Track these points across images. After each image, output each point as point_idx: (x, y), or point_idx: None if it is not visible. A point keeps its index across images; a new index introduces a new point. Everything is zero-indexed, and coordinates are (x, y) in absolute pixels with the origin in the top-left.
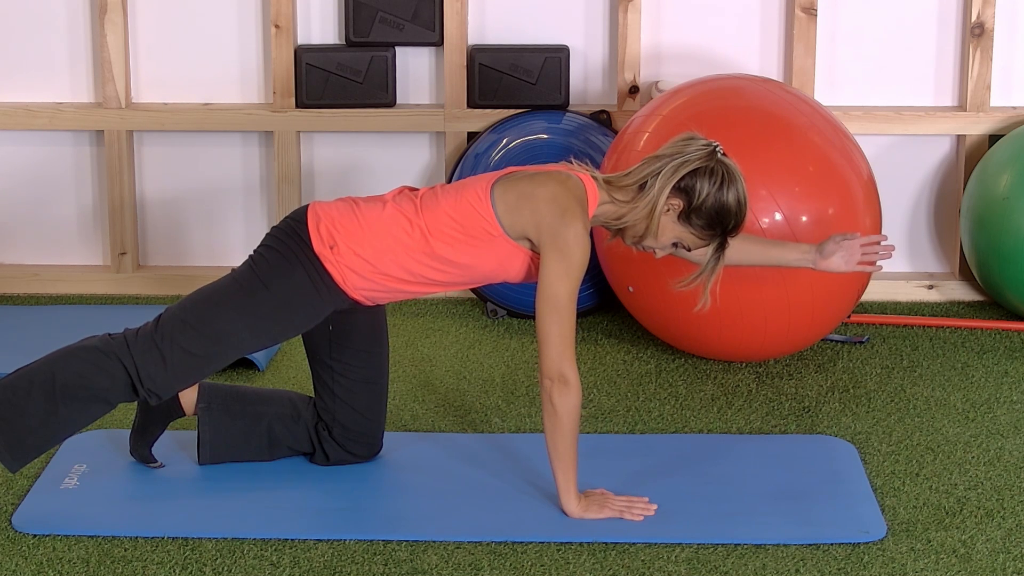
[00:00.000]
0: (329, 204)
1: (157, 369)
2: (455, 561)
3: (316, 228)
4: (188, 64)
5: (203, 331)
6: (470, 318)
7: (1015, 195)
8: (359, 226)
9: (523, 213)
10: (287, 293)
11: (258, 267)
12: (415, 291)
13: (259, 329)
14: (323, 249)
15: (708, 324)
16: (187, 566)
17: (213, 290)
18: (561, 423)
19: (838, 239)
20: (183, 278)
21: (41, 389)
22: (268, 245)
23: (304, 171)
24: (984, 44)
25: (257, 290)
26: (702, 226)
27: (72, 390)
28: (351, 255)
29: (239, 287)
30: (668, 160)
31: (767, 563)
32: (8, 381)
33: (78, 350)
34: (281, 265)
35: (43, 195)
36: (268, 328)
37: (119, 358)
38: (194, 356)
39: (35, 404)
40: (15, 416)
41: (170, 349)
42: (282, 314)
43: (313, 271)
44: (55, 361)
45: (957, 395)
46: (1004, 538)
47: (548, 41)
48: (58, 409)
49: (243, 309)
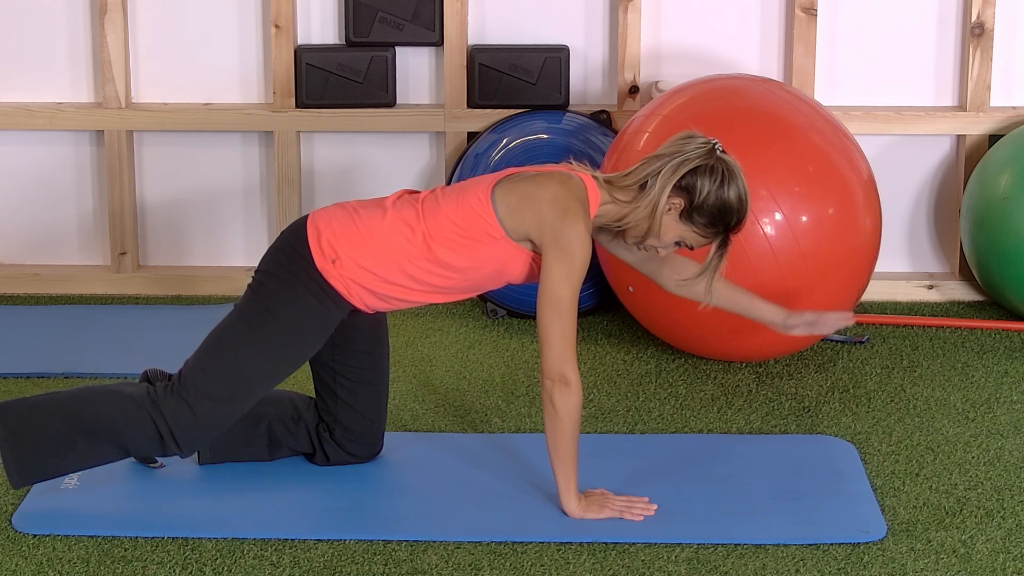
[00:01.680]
0: (329, 214)
1: (190, 423)
2: (455, 561)
3: (317, 243)
4: (188, 64)
5: (223, 374)
6: (470, 318)
7: (1015, 195)
8: (360, 236)
9: (525, 214)
10: (296, 317)
11: (262, 297)
12: (419, 299)
13: (277, 358)
14: (326, 264)
15: (708, 324)
16: (187, 566)
17: (223, 331)
18: (562, 423)
19: (811, 321)
20: (183, 278)
21: (66, 418)
22: (267, 271)
23: (304, 171)
24: (984, 44)
25: (266, 321)
26: (704, 224)
27: (95, 429)
28: (354, 267)
29: (248, 322)
30: (668, 159)
31: (767, 563)
32: (36, 400)
33: (113, 393)
34: (284, 291)
35: (43, 195)
36: (286, 354)
37: (150, 415)
38: (221, 401)
39: (55, 431)
40: (33, 436)
41: (197, 400)
42: (296, 338)
43: (318, 289)
44: (87, 396)
45: (957, 395)
46: (1004, 538)
47: (548, 41)
48: (76, 443)
49: (256, 343)
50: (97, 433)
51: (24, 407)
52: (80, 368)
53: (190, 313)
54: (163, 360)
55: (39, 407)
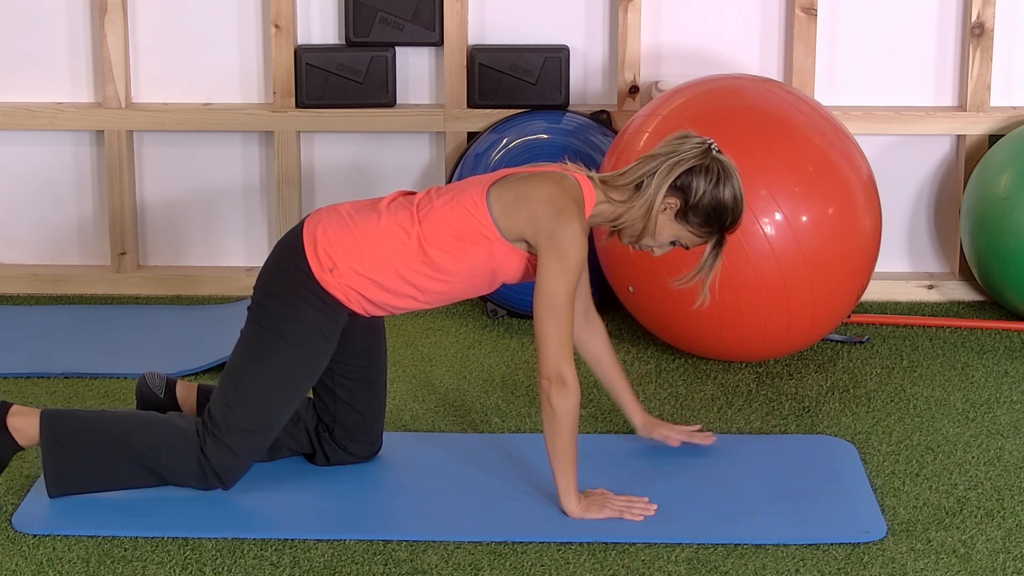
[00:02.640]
0: (324, 222)
1: (230, 460)
2: (455, 561)
3: (314, 252)
4: (188, 64)
5: (249, 406)
6: (470, 318)
7: (1015, 195)
8: (356, 242)
9: (520, 215)
10: (302, 333)
11: (265, 322)
12: (414, 305)
13: (295, 376)
14: (323, 274)
15: (708, 324)
16: (187, 566)
17: (237, 363)
18: (560, 423)
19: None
20: (183, 278)
21: (112, 441)
22: (266, 290)
23: (304, 171)
24: (984, 44)
25: (275, 344)
26: (699, 224)
27: (140, 455)
28: (351, 274)
29: (258, 350)
30: (663, 159)
31: (767, 563)
32: (86, 416)
33: (166, 425)
34: (285, 309)
35: (43, 195)
36: (302, 370)
37: (198, 455)
38: (253, 432)
39: (100, 449)
40: (76, 451)
41: (231, 436)
42: (307, 353)
43: (319, 302)
44: (140, 422)
45: (957, 395)
46: (1004, 538)
47: (548, 41)
48: (118, 465)
49: (272, 368)
50: (140, 461)
51: (73, 420)
52: (80, 368)
53: (190, 313)
54: (163, 360)
55: (88, 424)
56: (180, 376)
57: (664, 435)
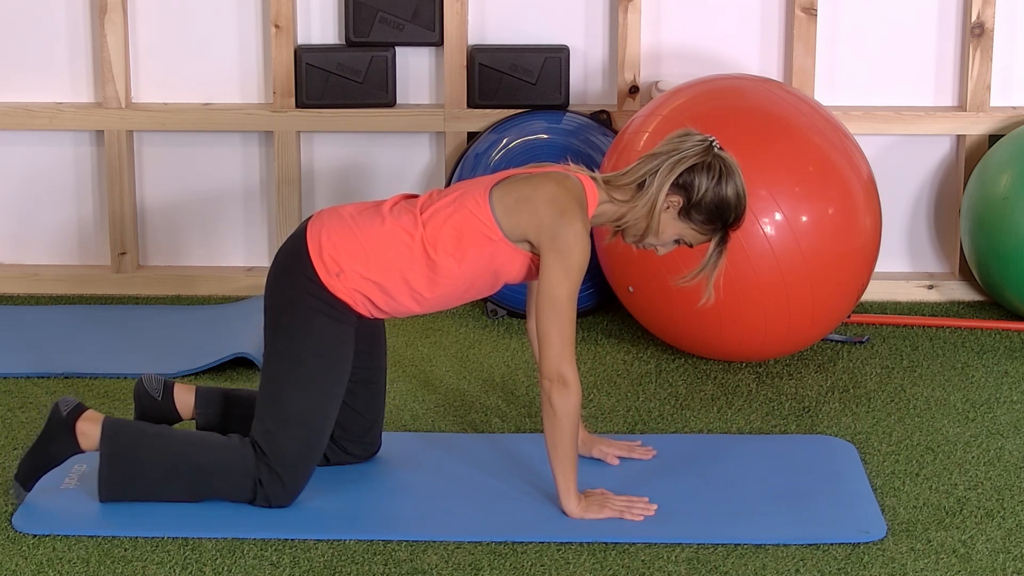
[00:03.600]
0: (327, 226)
1: (283, 489)
2: (455, 561)
3: (320, 258)
4: (188, 64)
5: (289, 428)
6: (470, 318)
7: (1015, 195)
8: (360, 246)
9: (522, 216)
10: (320, 343)
11: (282, 340)
12: (419, 308)
13: (326, 386)
14: (331, 279)
15: (708, 324)
16: (187, 566)
17: (266, 390)
18: (561, 424)
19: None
20: (183, 278)
21: (169, 462)
22: (276, 306)
23: (304, 171)
24: (984, 44)
25: (296, 362)
26: (702, 221)
27: (195, 476)
28: (358, 278)
29: (281, 372)
30: (665, 157)
31: (767, 563)
32: (148, 432)
33: (226, 449)
34: (299, 325)
35: (43, 195)
36: (331, 379)
37: (253, 485)
38: (299, 452)
39: (157, 467)
40: (132, 465)
41: (281, 461)
42: (331, 361)
43: (328, 307)
44: (201, 444)
45: (957, 395)
46: (1004, 538)
47: (548, 41)
48: (171, 483)
49: (301, 386)
50: (195, 480)
51: (134, 436)
52: (80, 368)
53: (190, 313)
54: (163, 360)
55: (148, 440)
56: (179, 376)
57: (603, 452)
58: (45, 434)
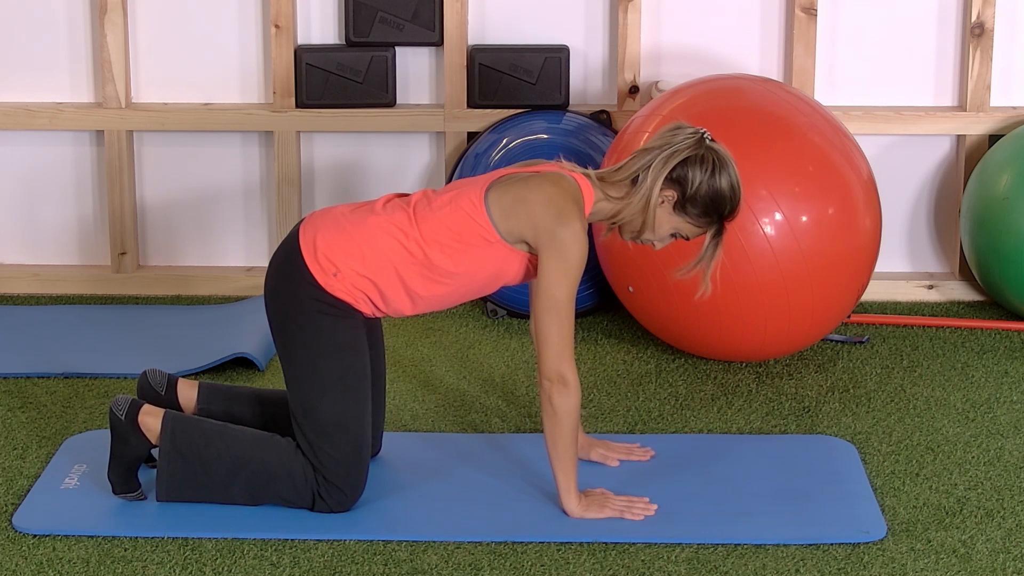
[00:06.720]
0: (321, 226)
1: (341, 496)
2: (455, 561)
3: (315, 259)
4: (188, 64)
5: (327, 435)
6: (470, 318)
7: (1015, 195)
8: (355, 244)
9: (519, 217)
10: (331, 343)
11: (294, 350)
12: (415, 308)
13: (348, 382)
14: (328, 279)
15: (708, 324)
16: (187, 566)
17: (295, 402)
18: (560, 423)
19: (600, 452)
20: (183, 278)
21: (232, 463)
22: (279, 317)
23: (304, 171)
24: (984, 44)
25: (312, 367)
26: (698, 214)
27: (257, 478)
28: (355, 275)
29: (303, 381)
30: (658, 152)
31: (767, 563)
32: (210, 429)
33: (285, 453)
34: (306, 330)
35: (43, 195)
36: (352, 375)
37: (312, 494)
38: (346, 458)
39: (218, 471)
40: (194, 464)
41: (333, 471)
42: (347, 359)
43: (331, 308)
44: (266, 446)
45: (957, 395)
46: (1004, 538)
47: (548, 41)
48: (233, 485)
49: (322, 390)
50: (257, 482)
51: (199, 433)
52: (80, 368)
53: (190, 313)
54: (163, 360)
55: (210, 439)
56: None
57: (602, 455)
58: (116, 440)
